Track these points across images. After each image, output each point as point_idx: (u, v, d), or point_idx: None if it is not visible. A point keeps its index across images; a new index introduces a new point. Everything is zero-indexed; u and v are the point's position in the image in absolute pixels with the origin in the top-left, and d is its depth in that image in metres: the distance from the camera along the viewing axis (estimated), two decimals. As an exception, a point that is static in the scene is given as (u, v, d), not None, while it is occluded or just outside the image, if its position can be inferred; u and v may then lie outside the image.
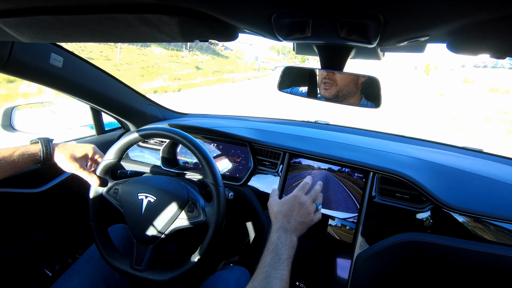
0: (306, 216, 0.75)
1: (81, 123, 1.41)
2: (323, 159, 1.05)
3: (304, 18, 0.41)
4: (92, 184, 0.86)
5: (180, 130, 0.83)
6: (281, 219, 0.73)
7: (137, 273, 0.81)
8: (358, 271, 0.92)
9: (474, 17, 0.35)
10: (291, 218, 0.73)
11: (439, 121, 9.55)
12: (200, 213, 0.79)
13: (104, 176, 0.87)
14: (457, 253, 0.86)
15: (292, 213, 0.74)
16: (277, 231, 0.70)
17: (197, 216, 0.79)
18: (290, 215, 0.73)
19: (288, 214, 0.74)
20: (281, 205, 0.76)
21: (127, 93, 1.30)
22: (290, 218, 0.73)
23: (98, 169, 0.86)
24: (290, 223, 0.72)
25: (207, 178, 0.80)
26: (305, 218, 0.74)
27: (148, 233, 0.81)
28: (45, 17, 0.42)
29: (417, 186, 0.90)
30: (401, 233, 0.91)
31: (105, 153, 0.88)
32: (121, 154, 0.87)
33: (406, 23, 0.41)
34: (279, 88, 0.78)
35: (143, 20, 0.42)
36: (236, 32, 0.51)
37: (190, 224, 0.79)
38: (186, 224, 0.80)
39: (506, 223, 0.84)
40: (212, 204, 0.79)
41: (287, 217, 0.73)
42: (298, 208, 0.75)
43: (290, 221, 0.73)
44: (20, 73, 0.88)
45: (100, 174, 0.86)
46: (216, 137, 1.22)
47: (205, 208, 0.80)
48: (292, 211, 0.74)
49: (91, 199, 0.87)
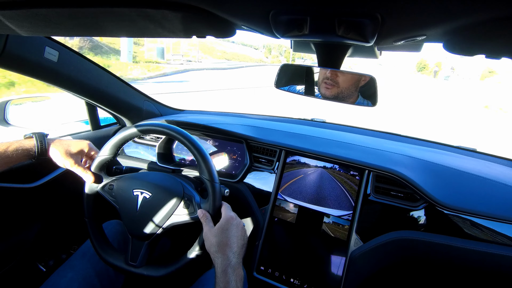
0: (243, 235, 0.73)
1: (76, 118, 1.40)
2: (319, 157, 1.05)
3: (302, 15, 0.41)
4: (86, 180, 0.86)
5: (176, 126, 0.83)
6: (224, 251, 0.68)
7: (132, 269, 0.81)
8: (352, 268, 0.93)
9: (470, 18, 0.35)
10: (233, 244, 0.70)
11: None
12: (195, 209, 0.79)
13: (99, 172, 0.86)
14: (450, 251, 0.87)
15: (232, 239, 0.70)
16: (224, 273, 0.65)
17: (192, 212, 0.79)
18: (231, 242, 0.70)
19: (229, 242, 0.70)
20: (219, 234, 0.71)
21: (123, 88, 1.29)
22: (233, 246, 0.69)
23: (93, 165, 0.86)
24: (234, 252, 0.69)
25: (203, 174, 0.79)
26: (243, 239, 0.73)
27: (143, 229, 0.81)
28: (41, 10, 0.41)
29: (411, 184, 0.91)
30: (395, 231, 0.92)
31: (100, 149, 0.87)
32: (116, 150, 0.86)
33: (403, 22, 0.41)
34: (276, 86, 0.78)
35: (140, 14, 0.42)
36: (234, 29, 0.51)
37: (186, 220, 0.79)
38: (182, 220, 0.80)
39: (498, 222, 0.85)
40: (207, 200, 0.79)
41: (229, 247, 0.69)
42: (235, 230, 0.72)
43: (233, 249, 0.69)
44: (15, 66, 0.87)
45: (95, 170, 0.86)
46: (212, 133, 1.22)
47: (200, 204, 0.80)
48: (231, 237, 0.71)
49: (86, 195, 0.86)
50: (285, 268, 0.99)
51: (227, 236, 0.71)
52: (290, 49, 0.77)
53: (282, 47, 43.32)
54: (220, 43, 27.36)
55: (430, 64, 65.77)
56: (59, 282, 0.80)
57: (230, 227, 0.73)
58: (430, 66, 66.41)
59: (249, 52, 35.15)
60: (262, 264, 1.02)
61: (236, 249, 0.69)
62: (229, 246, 0.69)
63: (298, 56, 33.70)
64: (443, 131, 7.57)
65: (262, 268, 1.02)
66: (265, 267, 1.01)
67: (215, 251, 0.69)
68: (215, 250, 0.69)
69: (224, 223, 0.73)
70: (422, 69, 67.67)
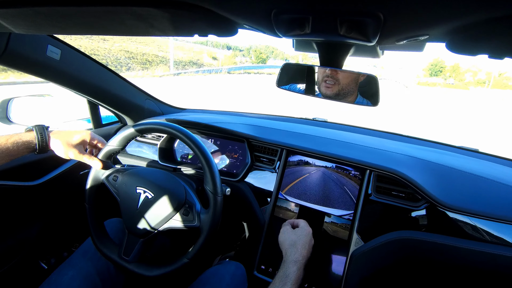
0: (310, 249, 0.83)
1: (78, 116, 1.40)
2: (320, 156, 1.05)
3: (304, 14, 0.41)
4: (94, 166, 0.86)
5: (183, 127, 0.83)
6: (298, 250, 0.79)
7: (123, 263, 0.81)
8: (353, 268, 0.93)
9: (473, 17, 0.35)
10: (305, 251, 0.80)
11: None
12: (194, 218, 0.79)
13: (107, 160, 0.87)
14: (452, 252, 0.86)
15: (306, 246, 0.81)
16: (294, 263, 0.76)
17: (191, 220, 0.79)
18: (305, 250, 0.80)
19: (307, 247, 0.81)
20: (301, 237, 0.83)
21: (125, 87, 1.30)
22: (303, 252, 0.79)
23: (100, 153, 0.86)
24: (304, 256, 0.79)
25: (207, 186, 0.80)
26: (309, 252, 0.82)
27: (141, 227, 0.81)
28: (40, 8, 0.42)
29: (413, 184, 0.91)
30: (396, 231, 0.92)
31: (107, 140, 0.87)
32: (126, 143, 0.86)
33: (405, 22, 0.41)
34: (277, 84, 0.78)
35: (142, 13, 0.42)
36: (236, 28, 0.51)
37: (183, 227, 0.80)
38: (179, 226, 0.80)
39: (500, 222, 0.85)
40: (208, 212, 0.79)
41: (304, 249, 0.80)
42: (309, 242, 0.83)
43: (303, 253, 0.79)
44: (17, 65, 0.87)
45: (102, 158, 0.86)
46: (214, 132, 1.22)
47: (200, 214, 0.80)
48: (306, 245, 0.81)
49: (90, 180, 0.86)
50: None
51: (304, 240, 0.82)
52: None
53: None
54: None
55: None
56: (60, 280, 0.80)
57: (307, 236, 0.84)
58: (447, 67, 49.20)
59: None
60: (263, 263, 1.02)
61: (305, 254, 0.79)
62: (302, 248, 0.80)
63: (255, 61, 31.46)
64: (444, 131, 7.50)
65: (263, 267, 1.02)
66: (265, 266, 1.02)
67: (290, 245, 0.81)
68: (289, 245, 0.81)
69: (304, 230, 0.85)
70: (438, 73, 49.18)
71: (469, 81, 47.57)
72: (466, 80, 49.48)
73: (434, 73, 50.42)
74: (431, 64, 49.78)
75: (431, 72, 50.67)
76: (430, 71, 50.47)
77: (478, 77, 49.19)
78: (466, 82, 48.19)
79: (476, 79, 48.08)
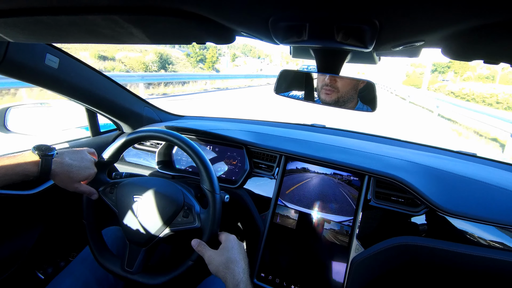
0: (246, 254, 0.75)
1: (76, 124, 1.40)
2: (319, 162, 1.05)
3: (301, 22, 0.42)
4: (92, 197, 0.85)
5: (178, 133, 0.84)
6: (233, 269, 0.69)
7: (127, 275, 0.80)
8: (354, 274, 0.92)
9: (468, 23, 0.35)
10: (241, 261, 0.71)
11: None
12: (195, 219, 0.79)
13: (101, 174, 0.87)
14: (452, 257, 0.86)
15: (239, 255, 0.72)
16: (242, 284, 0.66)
17: (192, 222, 0.79)
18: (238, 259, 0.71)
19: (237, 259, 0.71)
20: (226, 252, 0.73)
21: (123, 94, 1.30)
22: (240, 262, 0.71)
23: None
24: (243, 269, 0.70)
25: (204, 184, 0.79)
26: (246, 257, 0.75)
27: (142, 236, 0.80)
28: (41, 17, 0.42)
29: (412, 189, 0.91)
30: (396, 237, 0.91)
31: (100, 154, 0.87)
32: (118, 155, 0.86)
33: (401, 28, 0.41)
34: (276, 91, 0.79)
35: (139, 21, 0.42)
36: (233, 35, 0.52)
37: (184, 229, 0.79)
38: (180, 229, 0.79)
39: (499, 227, 0.85)
40: (207, 211, 0.79)
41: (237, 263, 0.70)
42: (240, 248, 0.75)
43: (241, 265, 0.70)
44: (15, 73, 0.87)
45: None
46: (212, 139, 1.22)
47: (200, 214, 0.79)
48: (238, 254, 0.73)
49: (86, 197, 0.86)
50: (285, 275, 0.98)
51: (233, 253, 0.72)
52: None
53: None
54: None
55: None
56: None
57: (234, 245, 0.74)
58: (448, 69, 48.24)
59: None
60: (263, 271, 1.01)
61: (244, 266, 0.71)
62: (237, 263, 0.70)
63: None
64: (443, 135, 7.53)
65: (263, 274, 1.01)
66: (265, 274, 1.01)
67: (224, 268, 0.69)
68: (224, 268, 0.69)
69: (229, 242, 0.75)
70: (442, 73, 48.95)
71: (469, 76, 46.23)
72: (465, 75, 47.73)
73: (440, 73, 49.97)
74: (434, 64, 49.52)
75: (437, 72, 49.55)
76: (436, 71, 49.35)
77: (478, 72, 46.99)
78: (465, 77, 46.54)
79: (476, 75, 46.41)
